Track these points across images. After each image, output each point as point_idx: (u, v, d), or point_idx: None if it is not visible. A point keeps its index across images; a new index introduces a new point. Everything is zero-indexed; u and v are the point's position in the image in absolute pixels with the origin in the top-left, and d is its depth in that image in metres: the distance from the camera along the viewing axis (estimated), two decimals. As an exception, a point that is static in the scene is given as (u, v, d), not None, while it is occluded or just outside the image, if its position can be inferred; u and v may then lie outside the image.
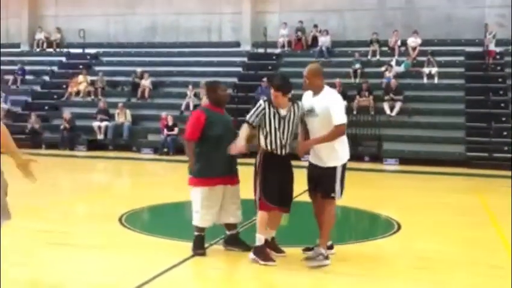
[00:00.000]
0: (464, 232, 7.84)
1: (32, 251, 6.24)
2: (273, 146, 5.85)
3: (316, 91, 5.91)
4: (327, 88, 6.01)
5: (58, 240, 6.69)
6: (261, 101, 5.99)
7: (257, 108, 5.88)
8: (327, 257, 5.77)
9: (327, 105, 5.75)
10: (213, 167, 5.99)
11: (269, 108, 5.84)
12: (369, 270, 5.73)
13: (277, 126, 5.82)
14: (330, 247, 6.17)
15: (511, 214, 8.39)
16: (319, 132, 5.79)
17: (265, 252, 5.85)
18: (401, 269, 5.97)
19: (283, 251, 6.11)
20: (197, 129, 6.02)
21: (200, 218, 6.03)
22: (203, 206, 6.00)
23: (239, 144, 5.82)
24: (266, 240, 6.04)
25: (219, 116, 6.15)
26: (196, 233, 6.09)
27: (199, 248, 6.06)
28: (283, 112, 5.85)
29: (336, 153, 5.85)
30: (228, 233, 6.31)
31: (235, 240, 6.29)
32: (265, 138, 5.87)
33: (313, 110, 5.84)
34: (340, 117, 5.75)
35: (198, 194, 6.03)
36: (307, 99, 5.98)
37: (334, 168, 5.86)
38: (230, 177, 6.12)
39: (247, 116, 5.93)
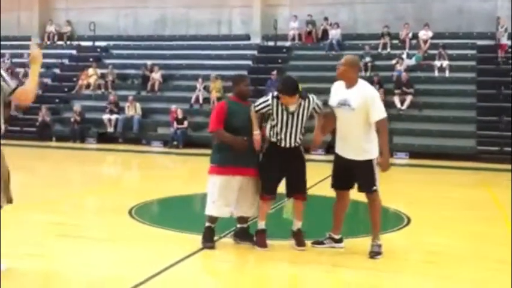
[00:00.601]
0: (474, 226, 7.81)
1: (42, 242, 6.27)
2: (278, 138, 5.98)
3: (350, 83, 5.84)
4: (361, 81, 5.95)
5: (68, 233, 6.72)
6: (269, 97, 6.07)
7: (265, 102, 6.03)
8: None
9: (366, 100, 5.72)
10: (233, 156, 5.98)
11: (277, 105, 5.94)
12: (377, 264, 5.72)
13: (285, 121, 5.93)
14: (339, 240, 6.18)
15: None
16: (354, 125, 5.76)
17: (257, 237, 6.07)
18: (410, 263, 5.97)
19: (303, 245, 6.08)
20: (220, 120, 6.07)
21: (217, 208, 6.03)
22: (220, 195, 6.00)
23: (256, 136, 5.95)
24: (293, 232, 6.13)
25: (241, 107, 6.14)
26: (207, 224, 6.09)
27: (208, 241, 6.05)
28: (291, 108, 5.93)
29: (371, 145, 5.85)
30: (238, 225, 6.32)
31: (245, 234, 6.27)
32: (271, 129, 6.02)
33: (347, 103, 5.77)
34: (382, 111, 5.81)
35: (216, 183, 6.03)
36: (339, 91, 5.90)
37: (371, 161, 5.86)
38: (250, 168, 6.06)
39: (256, 102, 6.08)
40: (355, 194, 6.39)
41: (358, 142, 5.79)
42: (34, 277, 5.13)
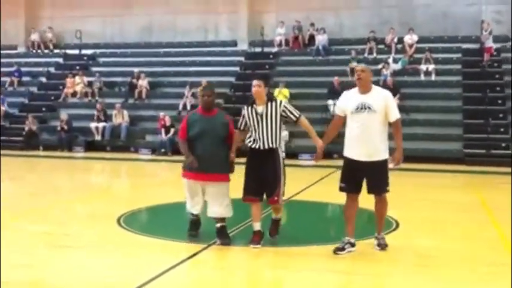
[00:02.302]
0: (463, 229, 7.85)
1: (32, 252, 6.23)
2: (253, 141, 6.39)
3: (367, 89, 6.13)
4: (375, 86, 6.27)
5: (58, 242, 6.69)
6: (243, 109, 6.56)
7: (242, 116, 6.52)
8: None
9: (386, 102, 6.12)
10: (198, 163, 6.45)
11: (247, 110, 6.43)
12: (368, 268, 5.73)
13: (256, 123, 6.35)
14: (354, 244, 6.27)
15: (511, 210, 8.43)
16: (374, 127, 6.07)
17: (252, 235, 6.44)
18: (401, 267, 5.97)
19: (274, 234, 6.62)
20: (182, 130, 6.68)
21: (188, 205, 6.74)
22: (187, 195, 6.71)
23: (231, 155, 6.54)
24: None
25: (200, 117, 6.61)
26: (190, 217, 6.81)
27: (191, 230, 6.82)
28: (259, 109, 6.35)
29: (385, 145, 6.23)
30: (217, 225, 6.60)
31: (221, 233, 6.57)
32: (248, 136, 6.46)
33: (367, 106, 6.04)
34: (398, 112, 6.27)
35: (184, 185, 6.69)
36: (354, 97, 6.15)
37: (386, 160, 6.24)
38: (210, 174, 6.46)
39: (238, 123, 6.57)
40: (341, 199, 6.61)
41: (377, 143, 6.13)
42: (24, 287, 5.09)
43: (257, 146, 6.33)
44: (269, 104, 6.33)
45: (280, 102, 6.44)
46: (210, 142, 6.43)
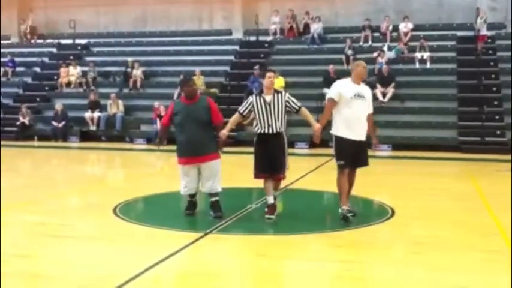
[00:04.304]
0: (459, 217, 7.88)
1: (28, 243, 6.24)
2: (261, 127, 7.12)
3: (360, 81, 7.21)
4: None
5: (54, 232, 6.69)
6: (250, 97, 7.33)
7: (247, 102, 7.29)
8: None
9: (370, 96, 7.30)
10: (180, 149, 7.28)
11: (256, 100, 7.15)
12: (364, 256, 5.75)
13: (263, 111, 7.09)
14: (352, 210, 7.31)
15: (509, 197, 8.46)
16: (364, 112, 7.13)
17: (269, 208, 7.14)
18: (397, 255, 6.00)
19: (272, 213, 7.10)
20: (167, 117, 7.46)
21: (182, 188, 7.42)
22: (181, 179, 7.40)
23: (222, 132, 7.23)
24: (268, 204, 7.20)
25: (184, 106, 7.27)
26: (188, 199, 7.45)
27: (187, 209, 7.43)
28: (268, 99, 7.10)
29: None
30: (211, 199, 7.34)
31: (214, 206, 7.29)
32: (256, 122, 7.17)
33: (361, 95, 7.10)
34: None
35: (180, 170, 7.40)
36: (350, 86, 7.11)
37: (367, 141, 7.30)
38: (199, 157, 7.15)
39: (240, 107, 7.29)
40: (336, 187, 7.15)
41: (364, 125, 7.17)
42: (21, 277, 5.09)
43: (265, 131, 7.08)
44: (275, 95, 7.14)
45: (285, 93, 7.29)
46: (194, 127, 7.10)
